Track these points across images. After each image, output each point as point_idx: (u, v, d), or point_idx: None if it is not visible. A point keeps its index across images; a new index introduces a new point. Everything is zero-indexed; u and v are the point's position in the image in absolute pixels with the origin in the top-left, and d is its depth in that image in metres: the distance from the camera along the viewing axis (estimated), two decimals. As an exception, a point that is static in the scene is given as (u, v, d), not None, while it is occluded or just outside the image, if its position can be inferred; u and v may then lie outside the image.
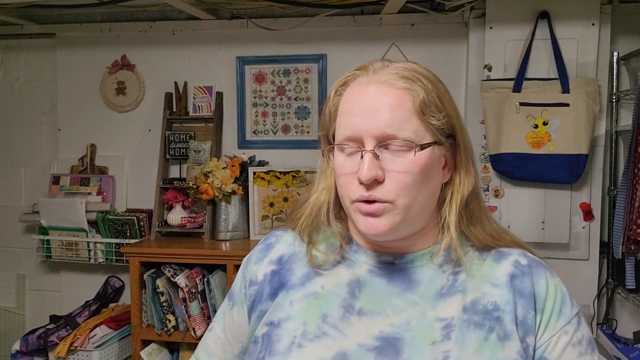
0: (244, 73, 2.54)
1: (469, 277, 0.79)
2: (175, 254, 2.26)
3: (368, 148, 0.73)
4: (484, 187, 2.23)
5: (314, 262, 0.83)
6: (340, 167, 0.77)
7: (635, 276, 2.00)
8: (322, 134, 0.83)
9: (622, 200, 1.95)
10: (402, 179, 0.73)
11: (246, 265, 0.91)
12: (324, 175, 0.85)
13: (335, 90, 0.80)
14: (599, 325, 2.24)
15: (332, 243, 0.85)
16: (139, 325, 2.31)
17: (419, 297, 0.78)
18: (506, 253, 0.83)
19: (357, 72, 0.79)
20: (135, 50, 2.62)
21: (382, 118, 0.72)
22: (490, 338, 0.75)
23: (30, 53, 2.73)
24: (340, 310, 0.79)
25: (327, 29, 2.46)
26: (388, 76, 0.75)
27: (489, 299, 0.77)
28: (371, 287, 0.80)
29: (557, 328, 0.77)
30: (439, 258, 0.81)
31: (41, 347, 2.32)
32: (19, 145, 2.77)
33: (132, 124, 2.64)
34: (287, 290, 0.82)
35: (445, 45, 2.40)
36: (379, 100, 0.73)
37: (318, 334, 0.77)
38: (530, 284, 0.79)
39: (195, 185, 2.40)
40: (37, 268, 2.78)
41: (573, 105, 2.03)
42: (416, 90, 0.74)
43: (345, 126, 0.75)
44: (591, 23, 2.08)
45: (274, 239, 0.91)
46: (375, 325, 0.77)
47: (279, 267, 0.86)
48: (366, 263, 0.82)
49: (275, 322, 0.80)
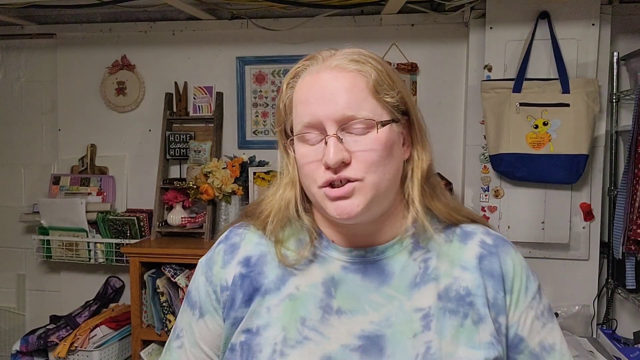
0: (244, 73, 2.54)
1: (439, 263, 0.80)
2: (176, 254, 2.26)
3: (330, 132, 0.73)
4: (484, 187, 2.23)
5: (286, 262, 0.81)
6: (303, 157, 0.76)
7: (635, 276, 2.00)
8: (279, 129, 0.82)
9: (622, 201, 1.95)
10: (368, 157, 0.74)
11: (209, 267, 0.85)
12: (286, 170, 0.83)
13: (287, 83, 0.80)
14: (599, 325, 2.24)
15: (300, 239, 0.83)
16: (139, 326, 2.31)
17: (394, 290, 0.78)
18: (471, 232, 0.84)
19: (307, 62, 0.80)
20: (136, 50, 2.62)
21: (339, 101, 0.73)
22: (465, 324, 0.76)
23: (30, 53, 2.73)
24: (318, 311, 0.78)
25: (327, 29, 2.46)
26: (338, 61, 0.76)
27: (460, 283, 0.79)
28: (346, 284, 0.79)
29: (525, 305, 0.80)
30: (408, 244, 0.81)
31: (41, 347, 2.32)
32: (19, 145, 2.77)
33: (132, 124, 2.64)
34: (263, 295, 0.80)
35: (445, 45, 2.40)
36: (333, 84, 0.74)
37: (299, 339, 0.76)
38: (498, 265, 0.81)
39: (196, 185, 2.41)
40: (37, 268, 2.78)
41: (573, 106, 2.03)
42: (367, 71, 0.75)
43: (303, 114, 0.75)
44: (591, 23, 2.08)
45: (238, 239, 0.86)
46: (356, 324, 0.77)
47: (248, 270, 0.82)
48: (338, 259, 0.81)
49: (253, 329, 0.78)
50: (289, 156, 0.82)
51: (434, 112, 2.40)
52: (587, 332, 2.18)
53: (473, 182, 2.27)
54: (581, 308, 2.18)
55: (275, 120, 0.83)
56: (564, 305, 2.19)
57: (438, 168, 2.68)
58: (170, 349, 0.88)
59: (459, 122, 2.40)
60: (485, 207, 2.23)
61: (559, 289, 2.22)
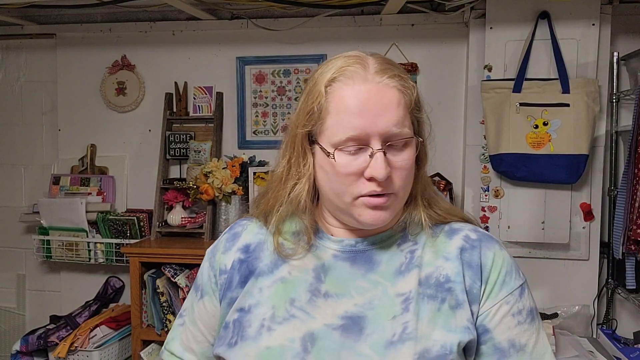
0: (244, 73, 2.54)
1: (424, 254, 0.84)
2: (176, 254, 2.26)
3: (376, 147, 0.76)
4: (484, 187, 2.23)
5: (282, 251, 0.86)
6: (344, 167, 0.78)
7: (635, 276, 2.00)
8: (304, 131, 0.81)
9: (622, 201, 1.95)
10: (404, 174, 0.79)
11: (213, 254, 0.93)
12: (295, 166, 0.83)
13: (325, 85, 0.79)
14: (599, 325, 2.24)
15: (296, 232, 0.88)
16: (139, 326, 2.31)
17: (380, 277, 0.83)
18: (458, 229, 0.88)
19: (345, 66, 0.79)
20: (136, 50, 2.62)
21: (388, 117, 0.76)
22: (442, 308, 0.80)
23: (30, 53, 2.73)
24: (307, 294, 0.83)
25: (327, 29, 2.46)
26: (382, 77, 0.77)
27: (440, 272, 0.82)
28: (336, 270, 0.84)
29: (498, 298, 0.82)
30: (398, 237, 0.86)
31: (41, 347, 2.32)
32: (19, 146, 2.77)
33: (132, 124, 2.64)
34: (256, 277, 0.86)
35: (445, 45, 2.40)
36: (382, 100, 0.76)
37: (286, 317, 0.81)
38: (478, 257, 0.83)
39: (196, 185, 2.41)
40: (37, 268, 2.78)
41: (573, 106, 2.03)
42: (410, 89, 0.80)
43: (349, 126, 0.76)
44: (591, 23, 2.08)
45: (240, 228, 0.94)
46: (341, 306, 0.81)
47: (246, 256, 0.89)
48: (330, 248, 0.86)
49: (245, 308, 0.84)
50: (305, 157, 0.82)
51: (434, 112, 2.38)
52: (587, 332, 2.18)
53: (473, 182, 2.27)
54: (581, 308, 2.18)
55: (300, 118, 0.82)
56: (564, 305, 2.19)
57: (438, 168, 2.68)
58: (174, 326, 0.98)
59: (459, 122, 2.40)
60: (485, 207, 2.23)
61: (559, 289, 2.22)
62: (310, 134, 0.81)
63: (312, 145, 0.82)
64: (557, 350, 1.92)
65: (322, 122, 0.79)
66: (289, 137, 0.85)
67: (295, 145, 0.83)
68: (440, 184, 2.29)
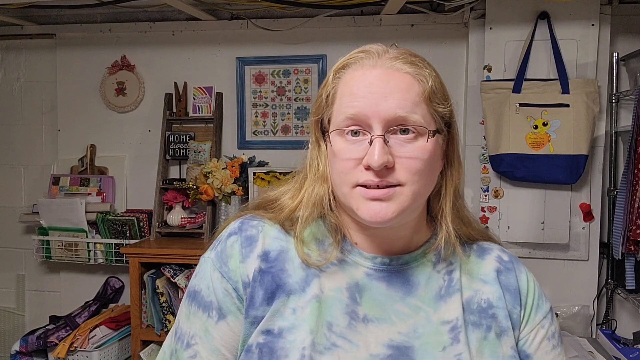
0: (244, 73, 2.54)
1: (461, 275, 0.80)
2: (175, 254, 2.26)
3: (376, 132, 0.69)
4: (483, 187, 2.23)
5: (310, 262, 0.76)
6: (341, 152, 0.72)
7: (635, 277, 2.00)
8: (315, 119, 0.77)
9: (622, 201, 1.95)
10: (413, 165, 0.70)
11: (223, 262, 0.77)
12: (315, 165, 0.79)
13: (334, 72, 0.75)
14: (599, 325, 2.24)
15: (320, 239, 0.79)
16: (139, 326, 2.31)
17: (420, 301, 0.77)
18: (487, 248, 0.85)
19: (359, 54, 0.75)
20: (135, 50, 2.62)
21: (392, 99, 0.69)
22: (489, 337, 0.76)
23: (30, 53, 2.73)
24: (345, 317, 0.74)
25: (327, 29, 2.46)
26: (396, 61, 0.72)
27: (481, 296, 0.79)
28: (371, 291, 0.76)
29: (535, 322, 0.80)
30: (431, 256, 0.80)
31: (41, 347, 2.32)
32: (19, 146, 2.77)
33: (132, 124, 2.64)
34: (288, 295, 0.75)
35: (445, 45, 2.40)
36: (388, 81, 0.70)
37: (328, 346, 0.72)
38: (515, 280, 0.81)
39: (195, 185, 2.41)
40: (36, 268, 2.78)
41: (573, 106, 2.03)
42: (425, 76, 0.73)
43: (349, 106, 0.71)
44: (591, 24, 2.08)
45: (255, 231, 0.79)
46: (384, 334, 0.74)
47: (268, 266, 0.76)
48: (362, 265, 0.78)
49: (274, 330, 0.73)
50: (319, 150, 0.78)
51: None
52: (586, 332, 2.18)
53: (473, 183, 2.27)
54: (581, 308, 2.18)
55: (313, 109, 0.78)
56: (564, 305, 2.19)
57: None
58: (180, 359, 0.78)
59: (458, 122, 2.39)
60: (485, 207, 2.23)
61: (558, 289, 2.22)
62: (322, 124, 0.77)
63: (324, 135, 0.77)
64: (556, 351, 1.92)
65: (330, 110, 0.75)
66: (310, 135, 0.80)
67: (310, 137, 0.79)
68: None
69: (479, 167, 2.25)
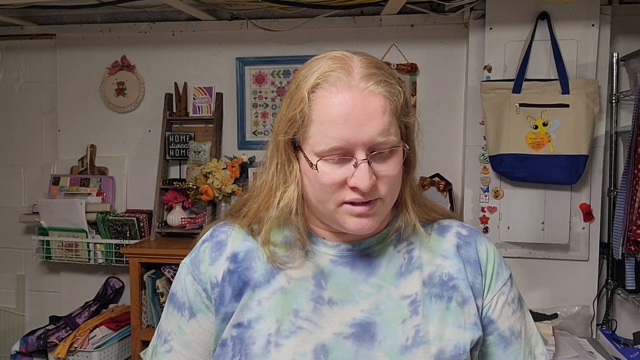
0: (244, 74, 2.54)
1: (421, 253, 0.85)
2: (175, 254, 2.26)
3: (360, 157, 0.74)
4: (483, 187, 2.23)
5: (276, 259, 0.82)
6: (327, 175, 0.75)
7: (635, 277, 2.00)
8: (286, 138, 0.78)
9: (622, 201, 1.95)
10: (391, 180, 0.77)
11: (195, 266, 0.85)
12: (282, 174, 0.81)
13: (308, 91, 0.76)
14: (599, 325, 2.24)
15: (287, 236, 0.84)
16: (139, 326, 2.31)
17: (381, 280, 0.82)
18: (447, 226, 0.90)
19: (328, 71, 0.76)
20: (135, 51, 2.62)
21: (372, 127, 0.73)
22: (450, 306, 0.82)
23: (30, 54, 2.73)
24: (310, 303, 0.80)
25: (327, 29, 2.46)
26: (368, 82, 0.74)
27: (442, 270, 0.84)
28: (336, 276, 0.82)
29: (496, 289, 0.86)
30: (392, 238, 0.86)
31: (41, 347, 2.32)
32: (18, 146, 2.77)
33: (132, 124, 2.64)
34: (253, 289, 0.81)
35: (445, 46, 2.40)
36: (366, 107, 0.73)
37: (293, 330, 0.78)
38: (474, 252, 0.86)
39: (195, 186, 2.41)
40: (37, 269, 2.78)
41: (573, 106, 2.03)
42: (396, 95, 0.76)
43: (333, 136, 0.73)
44: (591, 24, 2.08)
45: (224, 236, 0.86)
46: (347, 313, 0.80)
47: (236, 266, 0.83)
48: (326, 254, 0.84)
49: (244, 323, 0.80)
50: (290, 163, 0.80)
51: (434, 113, 2.40)
52: (586, 332, 2.18)
53: (473, 183, 2.27)
54: (581, 309, 2.18)
55: (282, 125, 0.79)
56: (564, 305, 2.19)
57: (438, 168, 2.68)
58: (158, 353, 0.88)
59: (458, 123, 2.40)
60: (485, 207, 2.23)
61: (558, 289, 2.22)
62: (294, 141, 0.79)
63: (296, 151, 0.79)
64: (556, 351, 1.92)
65: (305, 130, 0.76)
66: (272, 143, 0.82)
67: (279, 151, 0.80)
68: (440, 185, 2.29)
69: (479, 168, 2.25)
